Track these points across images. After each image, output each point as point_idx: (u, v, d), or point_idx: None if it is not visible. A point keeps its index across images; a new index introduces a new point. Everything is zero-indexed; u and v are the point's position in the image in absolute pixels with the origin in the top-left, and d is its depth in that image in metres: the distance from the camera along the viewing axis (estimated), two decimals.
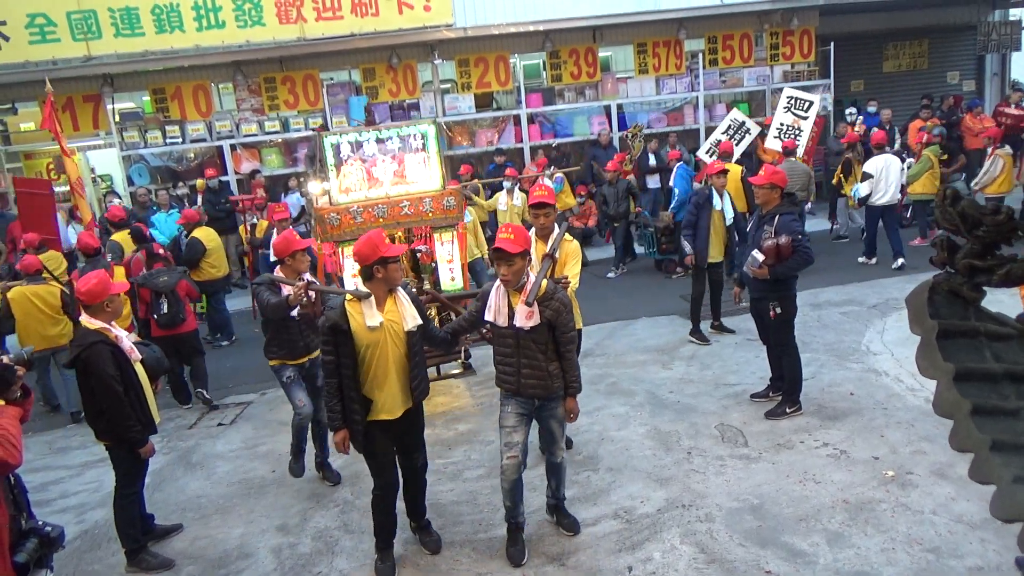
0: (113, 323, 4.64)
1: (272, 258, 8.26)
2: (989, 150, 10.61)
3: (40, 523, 3.64)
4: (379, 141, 6.40)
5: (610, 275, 11.18)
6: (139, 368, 4.70)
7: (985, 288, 1.63)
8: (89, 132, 12.81)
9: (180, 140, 12.69)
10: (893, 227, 9.94)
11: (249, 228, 10.84)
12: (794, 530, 4.37)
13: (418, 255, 6.82)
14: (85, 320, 4.58)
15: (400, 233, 6.77)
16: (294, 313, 5.24)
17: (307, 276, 5.37)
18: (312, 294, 5.17)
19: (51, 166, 13.69)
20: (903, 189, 10.33)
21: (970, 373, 1.50)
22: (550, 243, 4.94)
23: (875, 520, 4.39)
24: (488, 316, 4.19)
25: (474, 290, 6.15)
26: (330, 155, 6.25)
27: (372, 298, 4.03)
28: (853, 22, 15.12)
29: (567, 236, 5.24)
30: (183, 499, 5.63)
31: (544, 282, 4.13)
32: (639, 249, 11.90)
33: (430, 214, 6.46)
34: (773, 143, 11.29)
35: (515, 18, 13.15)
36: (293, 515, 5.19)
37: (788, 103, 11.26)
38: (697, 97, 14.02)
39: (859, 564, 4.01)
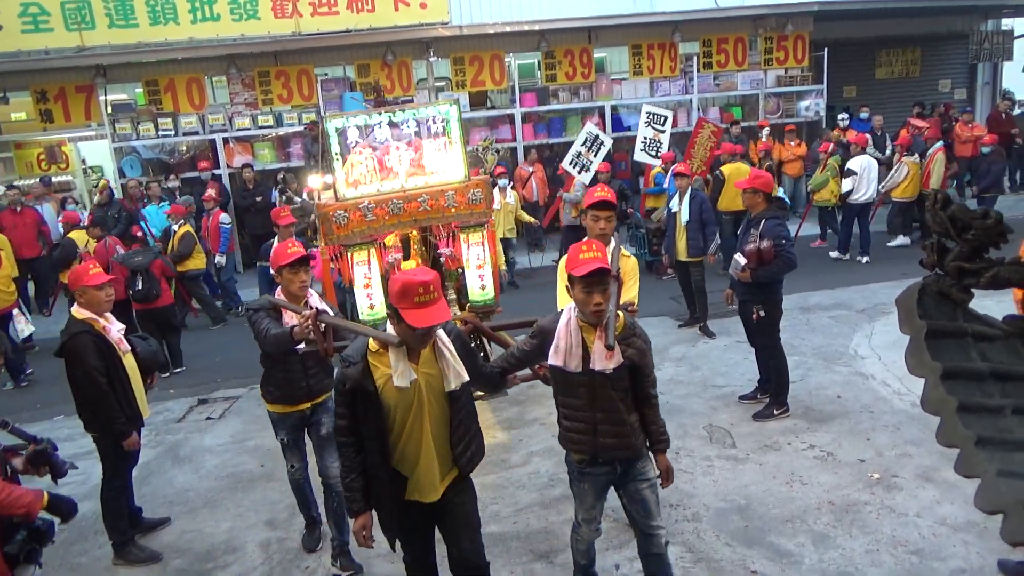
0: (106, 314, 4.63)
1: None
2: (896, 157, 11.10)
3: None
4: (392, 125, 5.33)
5: None
6: (129, 361, 4.69)
7: (973, 290, 1.68)
8: (81, 123, 12.75)
9: (172, 133, 12.63)
10: (865, 225, 10.73)
11: (171, 238, 9.70)
12: (780, 531, 4.41)
13: (441, 259, 5.81)
14: (75, 310, 4.58)
15: (414, 232, 5.91)
16: (300, 346, 4.24)
17: (315, 301, 4.32)
18: (323, 327, 4.03)
19: (42, 156, 13.62)
20: (810, 197, 11.49)
21: (957, 372, 1.54)
22: (610, 261, 4.05)
23: (860, 522, 4.43)
24: (555, 359, 3.28)
25: (521, 318, 4.66)
26: (334, 142, 5.20)
27: (403, 348, 3.03)
28: (847, 29, 15.23)
29: (623, 251, 4.46)
30: (171, 493, 5.62)
31: (621, 314, 3.30)
32: (630, 250, 11.92)
33: (453, 209, 5.42)
34: (640, 156, 11.55)
35: (511, 17, 13.16)
36: (281, 510, 5.19)
37: (648, 118, 11.43)
38: (691, 100, 14.08)
39: (844, 565, 4.05)
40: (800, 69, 14.44)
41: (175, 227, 9.64)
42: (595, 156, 11.16)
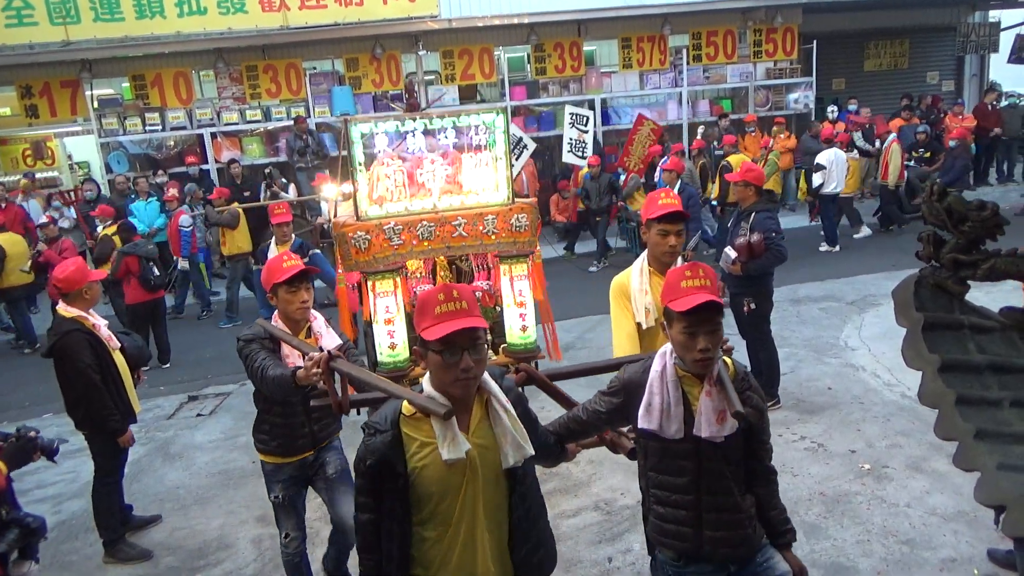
0: (91, 311, 4.59)
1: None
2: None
3: (22, 513, 3.61)
4: (428, 133, 4.57)
5: (592, 269, 11.23)
6: (118, 357, 4.66)
7: (969, 282, 1.68)
8: (67, 118, 12.65)
9: (160, 128, 12.54)
10: (831, 217, 11.07)
11: (95, 241, 9.29)
12: None
13: (479, 295, 5.04)
14: (62, 308, 4.52)
15: (441, 258, 5.10)
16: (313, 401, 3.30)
17: (320, 327, 3.58)
18: (335, 375, 2.81)
19: (27, 152, 13.49)
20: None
21: (954, 364, 1.54)
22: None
23: (851, 512, 4.45)
24: (646, 422, 2.47)
25: (586, 363, 3.41)
26: (358, 150, 4.40)
27: (453, 418, 2.17)
28: (836, 21, 15.27)
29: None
30: (162, 490, 5.60)
31: (729, 360, 2.58)
32: (620, 243, 11.97)
33: (493, 237, 4.62)
34: (568, 157, 11.59)
35: (500, 10, 13.12)
36: None
37: (571, 119, 11.46)
38: (681, 93, 14.08)
39: (835, 555, 4.07)
40: (789, 62, 14.48)
41: (100, 228, 9.25)
42: (517, 160, 10.93)
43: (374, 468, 2.20)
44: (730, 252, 5.72)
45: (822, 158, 10.85)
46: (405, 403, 2.27)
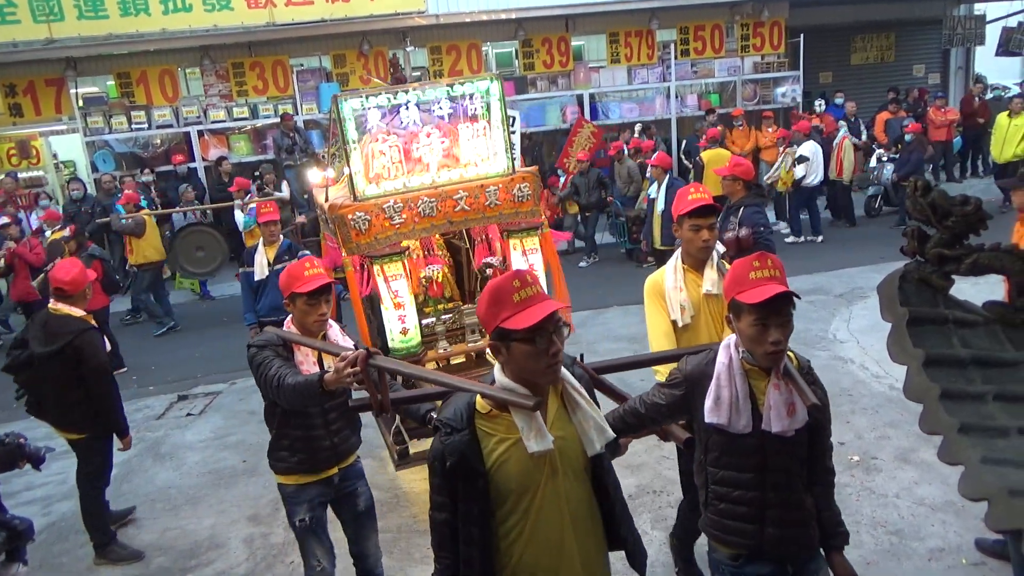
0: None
1: (257, 276, 6.57)
2: (781, 148, 11.51)
3: (8, 516, 3.59)
4: (421, 106, 4.34)
5: (582, 264, 11.25)
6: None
7: (953, 277, 1.69)
8: (51, 117, 12.51)
9: (146, 126, 12.43)
10: (798, 209, 11.44)
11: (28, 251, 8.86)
12: None
13: (488, 272, 4.87)
14: (65, 308, 4.43)
15: (438, 238, 4.95)
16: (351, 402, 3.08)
17: (336, 335, 3.37)
18: (373, 375, 2.68)
19: (12, 151, 13.35)
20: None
21: (939, 359, 1.55)
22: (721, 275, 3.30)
23: (841, 503, 4.38)
24: (714, 416, 2.42)
25: (635, 356, 3.22)
26: (351, 127, 4.19)
27: (538, 412, 2.09)
28: (822, 14, 15.31)
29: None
30: (152, 490, 5.57)
31: (792, 354, 2.53)
32: (610, 238, 12.00)
33: (497, 209, 4.49)
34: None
35: (487, 6, 13.07)
36: (264, 505, 5.16)
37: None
38: (669, 87, 14.09)
39: None
40: (776, 55, 14.51)
41: (49, 233, 8.83)
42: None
43: (453, 467, 2.12)
44: (718, 246, 5.73)
45: (805, 150, 10.95)
46: (478, 399, 2.18)
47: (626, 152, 11.74)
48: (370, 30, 12.62)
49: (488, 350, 2.39)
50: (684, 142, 13.19)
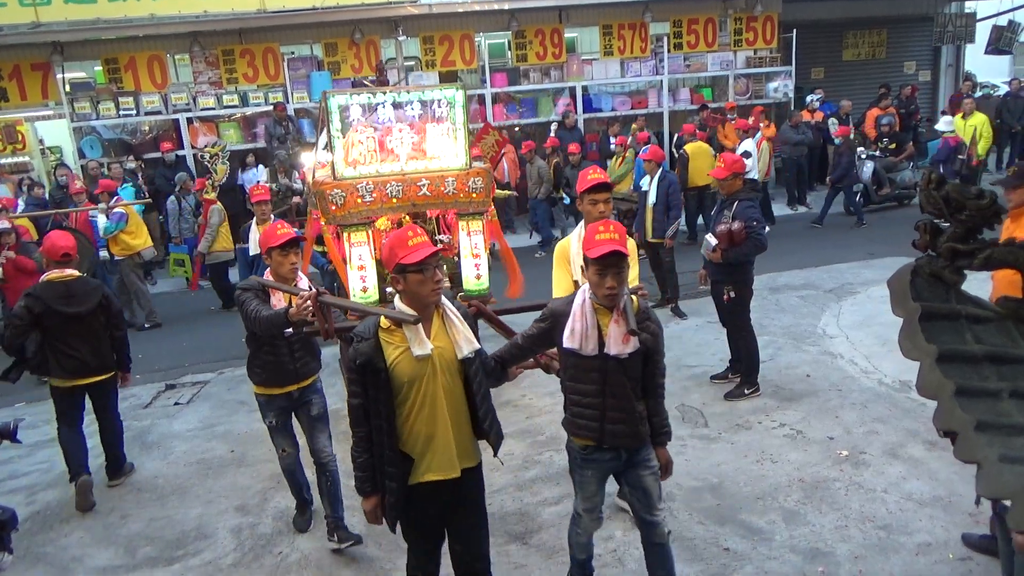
0: None
1: (252, 251, 7.80)
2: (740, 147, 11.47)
3: None
4: (396, 106, 5.27)
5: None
6: None
7: (965, 272, 1.66)
8: (38, 102, 12.36)
9: (134, 112, 12.30)
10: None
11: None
12: (751, 508, 4.46)
13: (440, 246, 5.65)
14: (70, 272, 5.09)
15: (407, 217, 5.66)
16: (288, 331, 4.07)
17: (305, 284, 4.15)
18: (323, 308, 3.87)
19: None
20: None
21: (952, 355, 1.52)
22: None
23: (829, 498, 4.50)
24: (570, 342, 3.18)
25: (527, 302, 4.63)
26: (336, 119, 5.16)
27: (420, 325, 2.94)
28: (815, 10, 15.31)
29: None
30: (139, 480, 5.53)
31: (635, 298, 3.26)
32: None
33: (452, 196, 5.37)
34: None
35: None
36: (253, 495, 5.13)
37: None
38: (661, 81, 14.07)
39: (814, 541, 4.12)
40: (769, 50, 14.50)
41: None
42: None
43: (362, 366, 2.97)
44: (711, 239, 5.75)
45: (747, 146, 10.85)
46: (382, 318, 3.01)
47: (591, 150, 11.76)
48: (362, 18, 12.52)
49: (389, 283, 3.13)
50: (676, 135, 13.16)
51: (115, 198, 9.57)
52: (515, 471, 5.10)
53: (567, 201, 11.34)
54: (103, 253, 9.58)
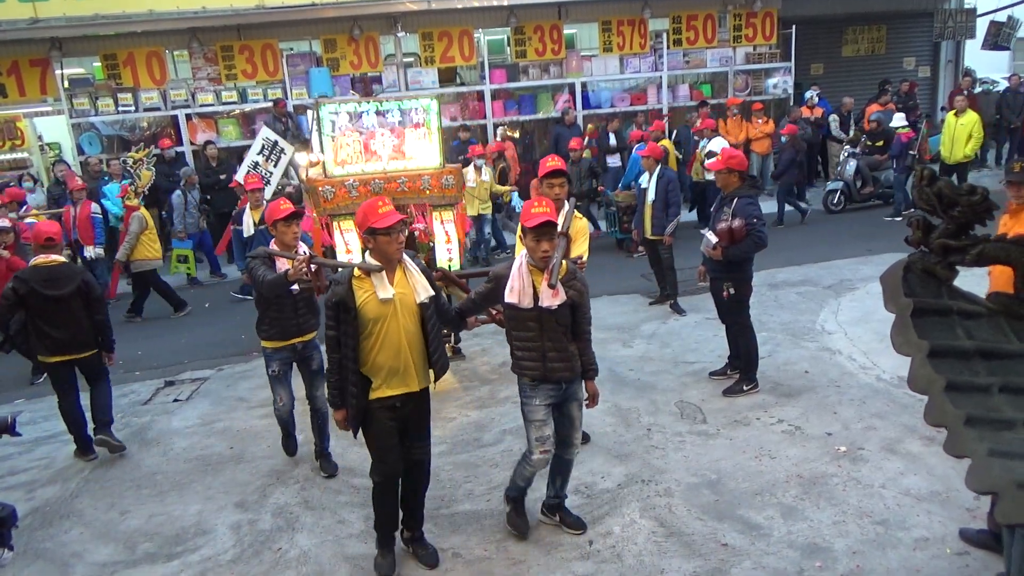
0: None
1: (245, 233, 8.38)
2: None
3: None
4: (379, 113, 6.25)
5: None
6: None
7: (957, 268, 1.67)
8: (36, 98, 12.35)
9: (133, 108, 12.30)
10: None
11: None
12: (750, 504, 4.47)
13: (416, 233, 6.51)
14: (54, 258, 5.50)
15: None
16: (294, 288, 4.86)
17: (304, 249, 5.08)
18: (313, 269, 4.75)
19: None
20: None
21: (944, 350, 1.53)
22: (561, 220, 4.47)
23: (827, 494, 4.51)
24: (510, 297, 3.90)
25: (483, 268, 5.86)
26: (327, 125, 6.15)
27: (383, 272, 3.74)
28: (814, 6, 15.30)
29: (576, 213, 4.90)
30: (138, 476, 5.53)
31: (564, 263, 3.90)
32: (601, 227, 11.96)
33: (428, 191, 6.31)
34: (240, 173, 10.33)
35: None
36: (252, 492, 5.14)
37: (262, 147, 10.47)
38: (661, 77, 14.06)
39: (812, 536, 4.13)
40: (768, 46, 14.48)
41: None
42: (275, 167, 10.28)
43: (337, 304, 3.75)
44: (711, 237, 5.74)
45: (714, 146, 10.63)
46: (356, 269, 3.80)
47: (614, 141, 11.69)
48: (361, 15, 12.50)
49: (360, 242, 4.00)
50: (675, 132, 13.16)
51: (24, 207, 9.82)
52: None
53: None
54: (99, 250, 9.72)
